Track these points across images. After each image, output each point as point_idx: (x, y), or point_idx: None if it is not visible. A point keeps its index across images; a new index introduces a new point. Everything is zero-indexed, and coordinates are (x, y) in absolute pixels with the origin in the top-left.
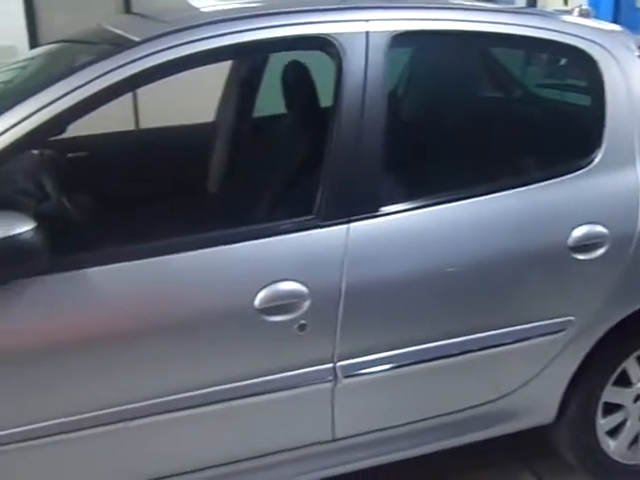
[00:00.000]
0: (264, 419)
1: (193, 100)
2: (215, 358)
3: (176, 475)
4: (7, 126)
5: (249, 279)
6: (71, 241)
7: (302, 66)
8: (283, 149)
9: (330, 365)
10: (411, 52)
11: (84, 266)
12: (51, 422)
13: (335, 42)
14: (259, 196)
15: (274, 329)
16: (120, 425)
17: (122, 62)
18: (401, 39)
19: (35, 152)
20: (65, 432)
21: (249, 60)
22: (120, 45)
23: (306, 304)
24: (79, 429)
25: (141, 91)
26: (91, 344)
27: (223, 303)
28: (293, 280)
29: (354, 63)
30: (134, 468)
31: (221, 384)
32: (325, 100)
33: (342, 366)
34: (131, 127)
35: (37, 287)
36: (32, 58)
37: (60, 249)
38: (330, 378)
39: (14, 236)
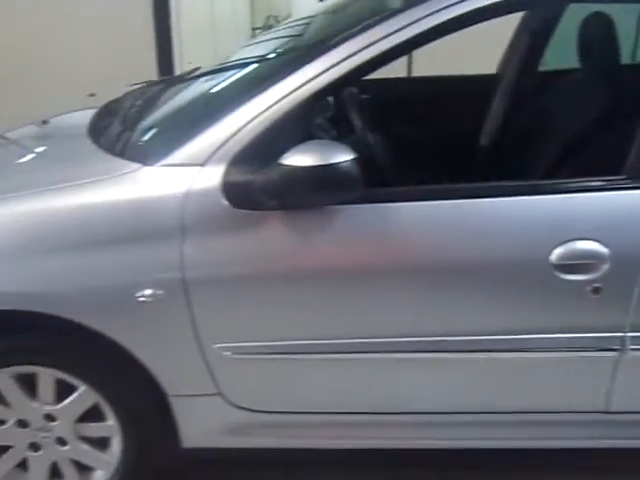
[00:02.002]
0: (538, 377)
1: (475, 51)
2: (500, 306)
3: (435, 413)
4: (328, 65)
5: (548, 233)
6: (377, 175)
7: (606, 19)
8: (582, 105)
9: (619, 334)
10: None
11: (389, 200)
12: (347, 340)
13: None
14: (558, 151)
15: (566, 287)
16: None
17: (431, 10)
18: None
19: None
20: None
21: (544, 11)
22: None
23: (604, 267)
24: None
25: None
26: (388, 273)
27: (519, 253)
28: (594, 240)
29: None
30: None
31: (499, 334)
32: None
33: (633, 337)
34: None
35: (346, 215)
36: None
37: (368, 182)
38: (617, 347)
39: (336, 164)
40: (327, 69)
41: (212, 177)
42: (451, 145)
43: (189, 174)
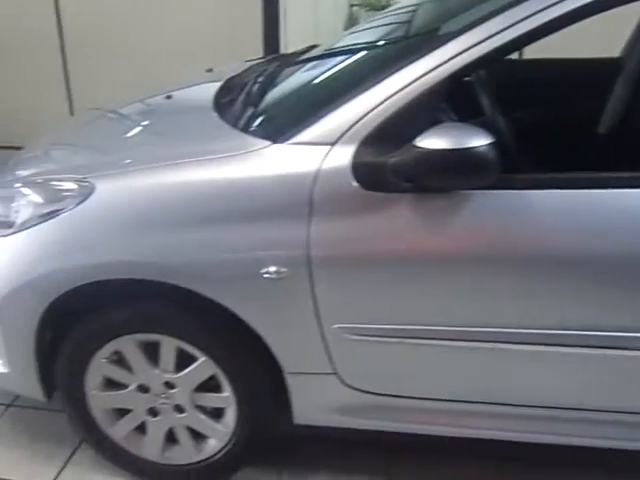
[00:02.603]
0: None
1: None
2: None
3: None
4: (464, 47)
5: None
6: (511, 160)
7: None
8: None
9: None
10: None
11: (523, 187)
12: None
13: None
14: None
15: None
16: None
17: None
18: None
19: None
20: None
21: None
22: None
23: None
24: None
25: None
26: (517, 262)
27: None
28: None
29: None
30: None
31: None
32: None
33: None
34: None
35: (480, 200)
36: None
37: (503, 167)
38: None
39: (473, 148)
40: (463, 51)
41: (342, 157)
42: (569, 131)
43: (319, 153)
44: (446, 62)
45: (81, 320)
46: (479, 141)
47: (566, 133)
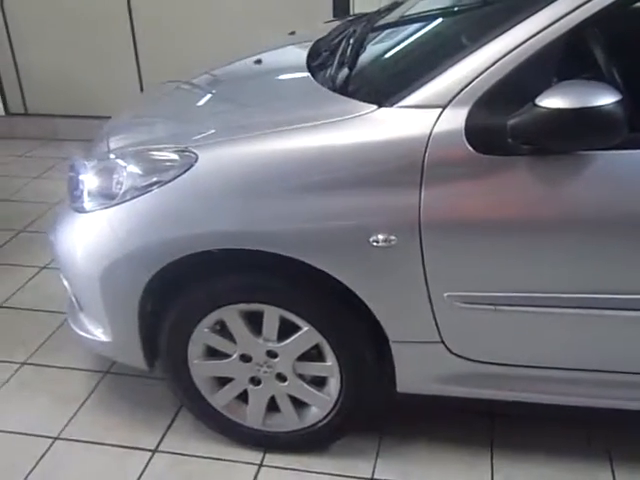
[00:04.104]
0: None
1: None
2: None
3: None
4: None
5: None
6: (634, 117)
7: None
8: None
9: None
10: None
11: None
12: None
13: None
14: None
15: None
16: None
17: None
18: None
19: None
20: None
21: None
22: None
23: None
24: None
25: None
26: None
27: None
28: None
29: None
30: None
31: None
32: None
33: None
34: None
35: (605, 161)
36: None
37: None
38: None
39: (600, 107)
40: (581, 5)
41: (454, 120)
42: None
43: (429, 117)
44: (563, 17)
45: (184, 290)
46: (606, 99)
47: None
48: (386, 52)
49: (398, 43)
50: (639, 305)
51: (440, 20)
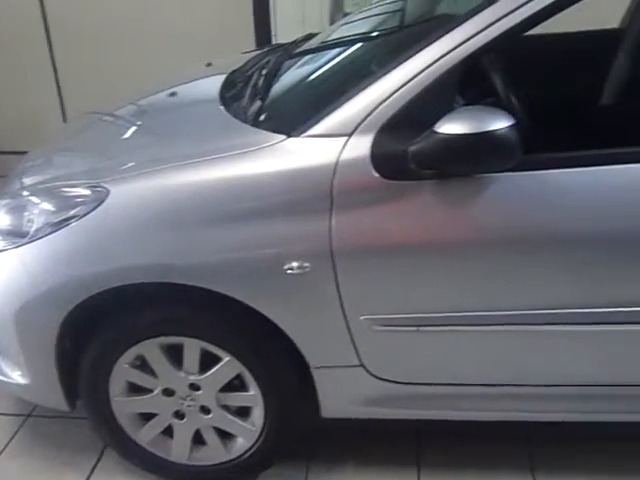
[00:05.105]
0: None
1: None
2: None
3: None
4: (479, 28)
5: None
6: (529, 140)
7: None
8: None
9: None
10: None
11: (546, 167)
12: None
13: None
14: None
15: None
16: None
17: None
18: None
19: None
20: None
21: None
22: None
23: None
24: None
25: None
26: (543, 246)
27: None
28: None
29: None
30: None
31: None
32: None
33: None
34: None
35: (503, 183)
36: None
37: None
38: None
39: (494, 131)
40: (480, 31)
41: (360, 148)
42: (576, 105)
43: (335, 145)
44: (460, 45)
45: (102, 326)
46: (500, 123)
47: (574, 107)
48: (296, 82)
49: (308, 73)
50: (549, 320)
51: (347, 50)
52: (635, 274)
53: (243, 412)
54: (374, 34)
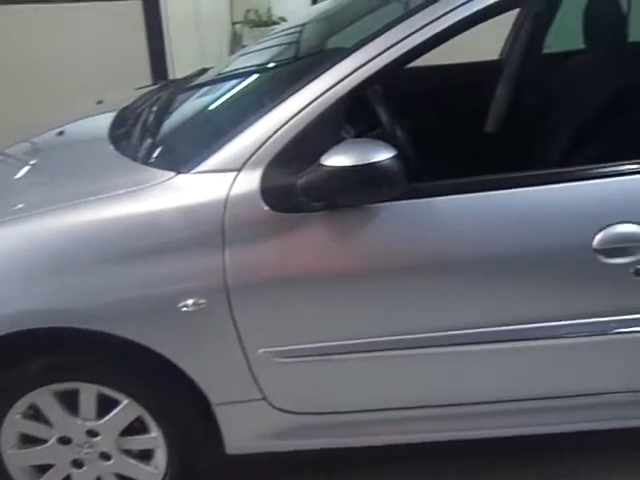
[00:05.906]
0: (584, 361)
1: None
2: (545, 294)
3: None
4: (361, 62)
5: (590, 219)
6: (414, 169)
7: None
8: (591, 87)
9: None
10: None
11: (432, 194)
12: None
13: None
14: (570, 135)
15: (609, 271)
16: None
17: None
18: None
19: None
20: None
21: None
22: None
23: None
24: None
25: None
26: (434, 270)
27: (561, 240)
28: (633, 223)
29: None
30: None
31: (545, 321)
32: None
33: None
34: None
35: (390, 212)
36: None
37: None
38: None
39: (377, 163)
40: (362, 65)
41: (250, 182)
42: (459, 134)
43: (226, 180)
44: (345, 78)
45: None
46: (382, 155)
47: (457, 136)
48: (186, 118)
49: (198, 109)
50: (450, 341)
51: (238, 85)
52: (519, 294)
53: (145, 455)
54: (265, 67)
